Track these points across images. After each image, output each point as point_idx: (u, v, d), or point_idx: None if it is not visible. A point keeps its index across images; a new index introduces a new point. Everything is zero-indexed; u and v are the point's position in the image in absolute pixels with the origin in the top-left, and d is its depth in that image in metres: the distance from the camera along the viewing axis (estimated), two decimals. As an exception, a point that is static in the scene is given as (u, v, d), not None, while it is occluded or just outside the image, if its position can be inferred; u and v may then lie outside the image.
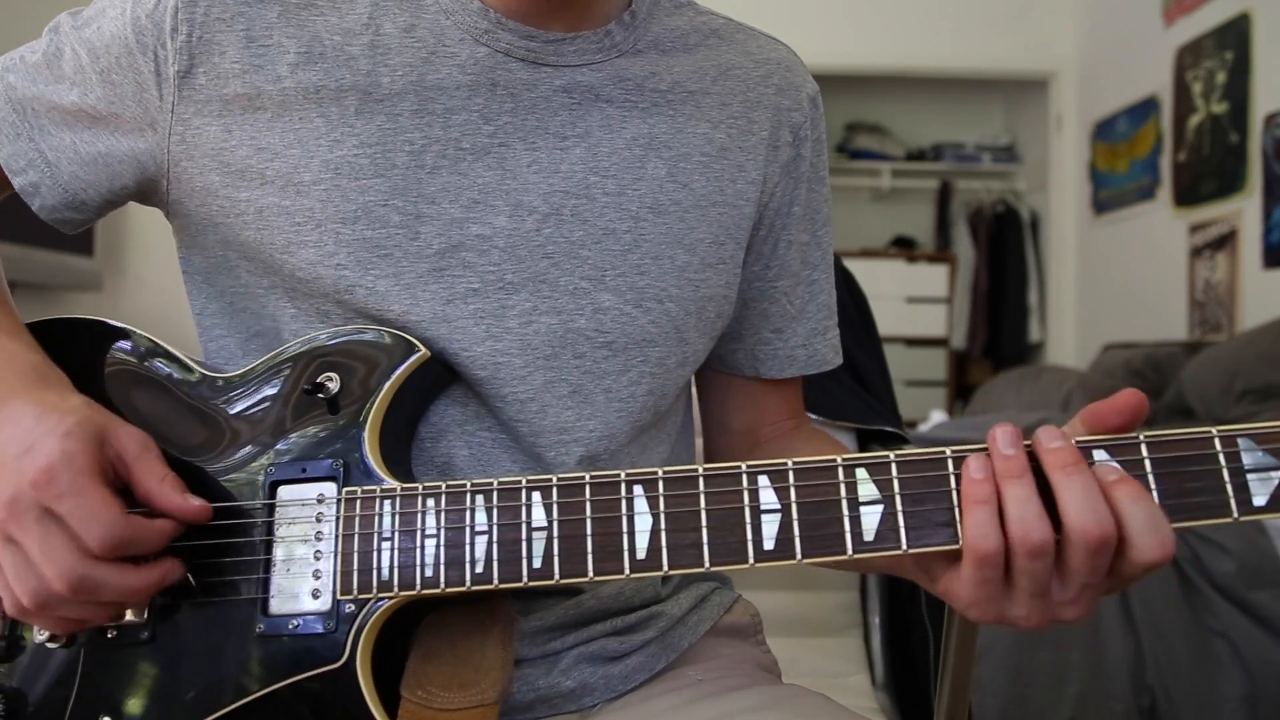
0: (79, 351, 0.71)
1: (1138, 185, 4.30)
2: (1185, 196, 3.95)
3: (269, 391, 0.68)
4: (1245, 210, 3.55)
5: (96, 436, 0.61)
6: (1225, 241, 3.66)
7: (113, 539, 0.59)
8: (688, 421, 0.87)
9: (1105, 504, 0.55)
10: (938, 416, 3.27)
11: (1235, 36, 3.60)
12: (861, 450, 1.34)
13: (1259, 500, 0.56)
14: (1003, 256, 5.51)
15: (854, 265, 1.51)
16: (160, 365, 0.71)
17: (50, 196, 0.74)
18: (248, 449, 0.67)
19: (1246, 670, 1.93)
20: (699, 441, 0.92)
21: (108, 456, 0.62)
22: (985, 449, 0.58)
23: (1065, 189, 4.94)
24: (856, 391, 1.40)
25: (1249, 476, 0.56)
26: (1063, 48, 4.84)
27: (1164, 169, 4.09)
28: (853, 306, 1.46)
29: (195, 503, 0.63)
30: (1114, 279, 4.52)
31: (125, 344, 0.72)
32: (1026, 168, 5.72)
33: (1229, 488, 0.56)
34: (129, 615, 0.65)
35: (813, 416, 1.33)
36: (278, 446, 0.67)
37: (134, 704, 0.64)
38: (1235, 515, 0.56)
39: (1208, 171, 3.79)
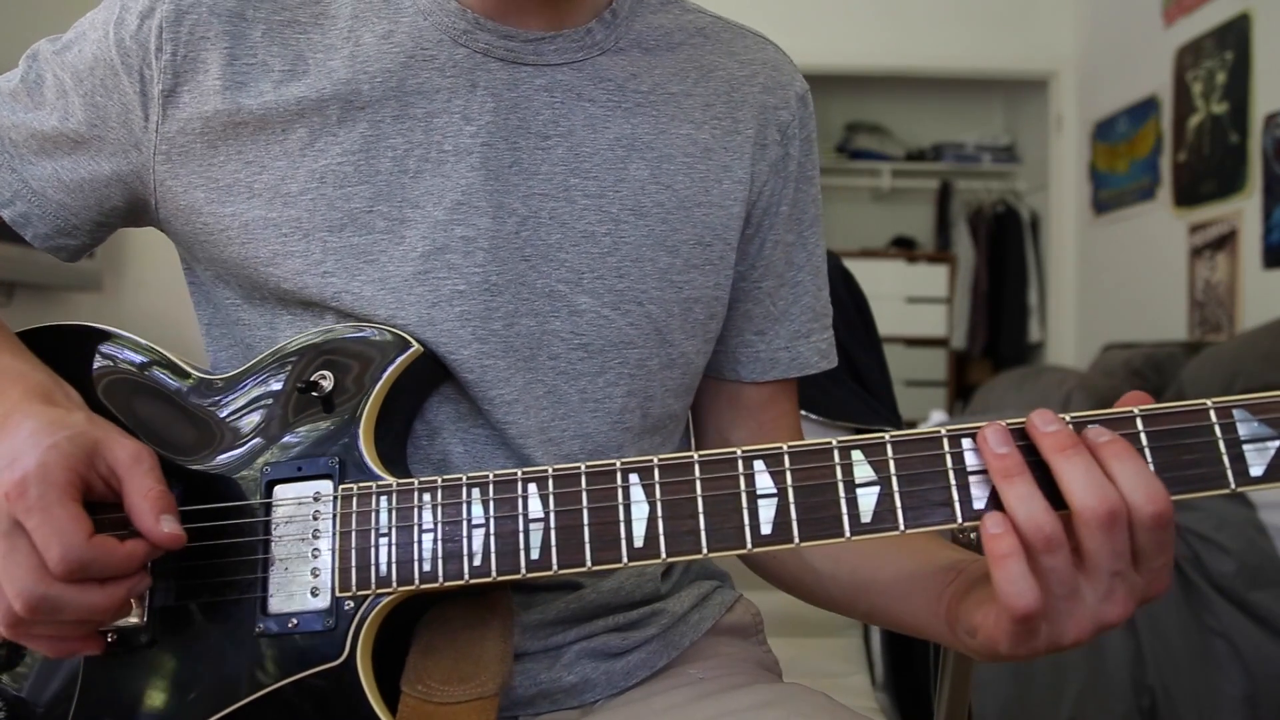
0: (70, 358, 0.70)
1: (1138, 185, 4.30)
2: (1185, 197, 3.95)
3: (263, 391, 0.68)
4: (1245, 210, 3.55)
5: (85, 451, 0.60)
6: (1225, 242, 3.66)
7: (70, 561, 0.57)
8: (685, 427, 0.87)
9: (1106, 479, 0.54)
10: (938, 416, 3.26)
11: (1235, 36, 3.60)
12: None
13: (1256, 470, 0.55)
14: (1003, 256, 5.52)
15: (854, 265, 1.51)
16: (152, 368, 0.71)
17: (41, 225, 0.74)
18: (243, 449, 0.67)
19: (1246, 670, 1.93)
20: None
21: (98, 471, 0.61)
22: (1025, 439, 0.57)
23: (1065, 189, 4.94)
24: (856, 391, 1.40)
25: (1245, 447, 0.55)
26: (1063, 48, 4.84)
27: (1164, 169, 4.09)
28: (853, 306, 1.46)
29: (168, 529, 0.60)
30: (1114, 279, 4.52)
31: (116, 348, 0.71)
32: (1026, 168, 5.72)
33: (1225, 459, 0.55)
34: (128, 619, 0.64)
35: (813, 416, 1.34)
36: (273, 446, 0.67)
37: (136, 707, 0.64)
38: (1232, 486, 0.55)
39: (1208, 171, 3.79)
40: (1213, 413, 0.56)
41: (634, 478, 0.60)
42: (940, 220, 5.99)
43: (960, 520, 0.57)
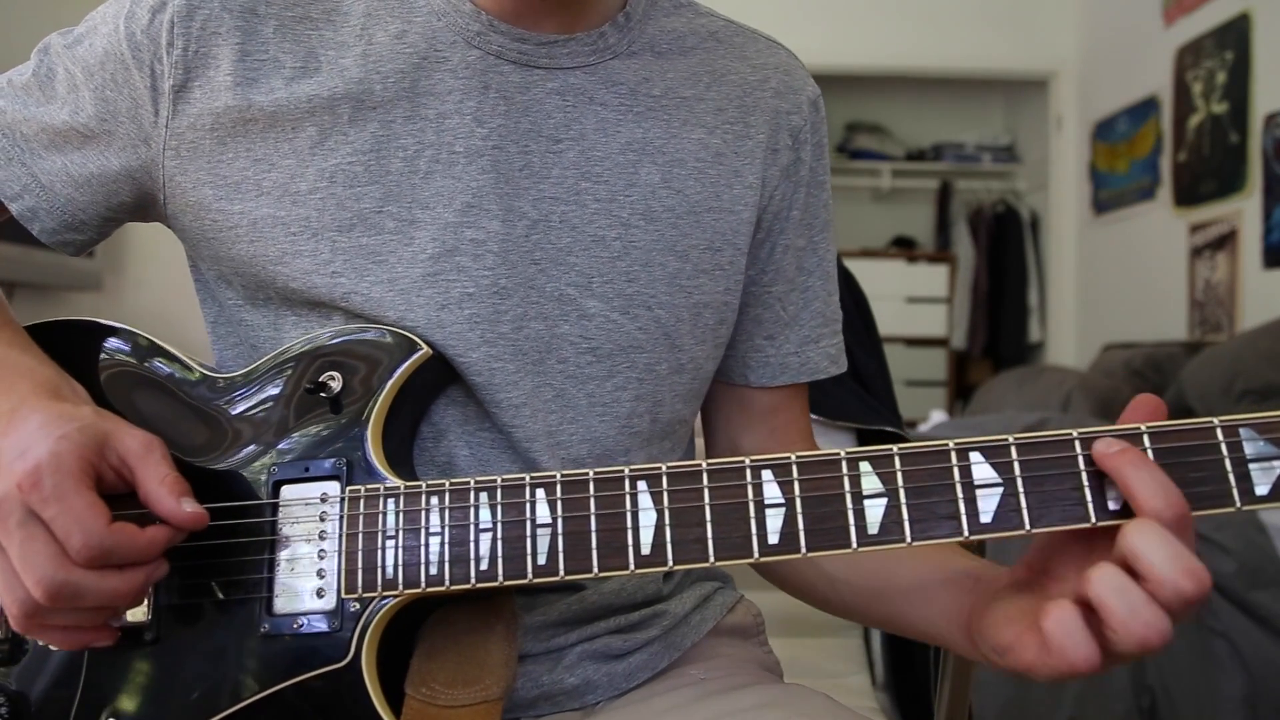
0: (78, 353, 0.70)
1: (1138, 185, 4.30)
2: (1185, 196, 3.95)
3: (271, 391, 0.68)
4: (1245, 210, 3.55)
5: (96, 441, 0.60)
6: (1225, 241, 3.67)
7: (92, 548, 0.57)
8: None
9: (1190, 553, 0.52)
10: (938, 416, 3.26)
11: (1235, 36, 3.60)
12: (862, 450, 1.34)
13: (1261, 490, 0.56)
14: (1003, 256, 5.52)
15: (854, 265, 1.51)
16: (161, 366, 0.71)
17: (49, 220, 0.74)
18: (250, 449, 0.67)
19: (1246, 670, 1.93)
20: (699, 442, 0.91)
21: (109, 462, 0.61)
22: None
23: (1065, 189, 4.94)
24: (857, 392, 1.40)
25: (1251, 466, 0.56)
26: (1063, 48, 4.84)
27: (1164, 169, 4.09)
28: (853, 306, 1.46)
29: (190, 509, 0.61)
30: (1114, 279, 4.52)
31: (125, 344, 0.71)
32: (1026, 168, 5.72)
33: (1231, 477, 0.56)
34: (132, 616, 0.64)
35: (813, 417, 1.34)
36: (280, 446, 0.67)
37: (138, 704, 0.64)
38: (1238, 505, 0.56)
39: (1208, 171, 3.79)
40: (1219, 431, 0.56)
41: (642, 485, 0.60)
42: (940, 220, 5.99)
43: (966, 534, 0.57)
